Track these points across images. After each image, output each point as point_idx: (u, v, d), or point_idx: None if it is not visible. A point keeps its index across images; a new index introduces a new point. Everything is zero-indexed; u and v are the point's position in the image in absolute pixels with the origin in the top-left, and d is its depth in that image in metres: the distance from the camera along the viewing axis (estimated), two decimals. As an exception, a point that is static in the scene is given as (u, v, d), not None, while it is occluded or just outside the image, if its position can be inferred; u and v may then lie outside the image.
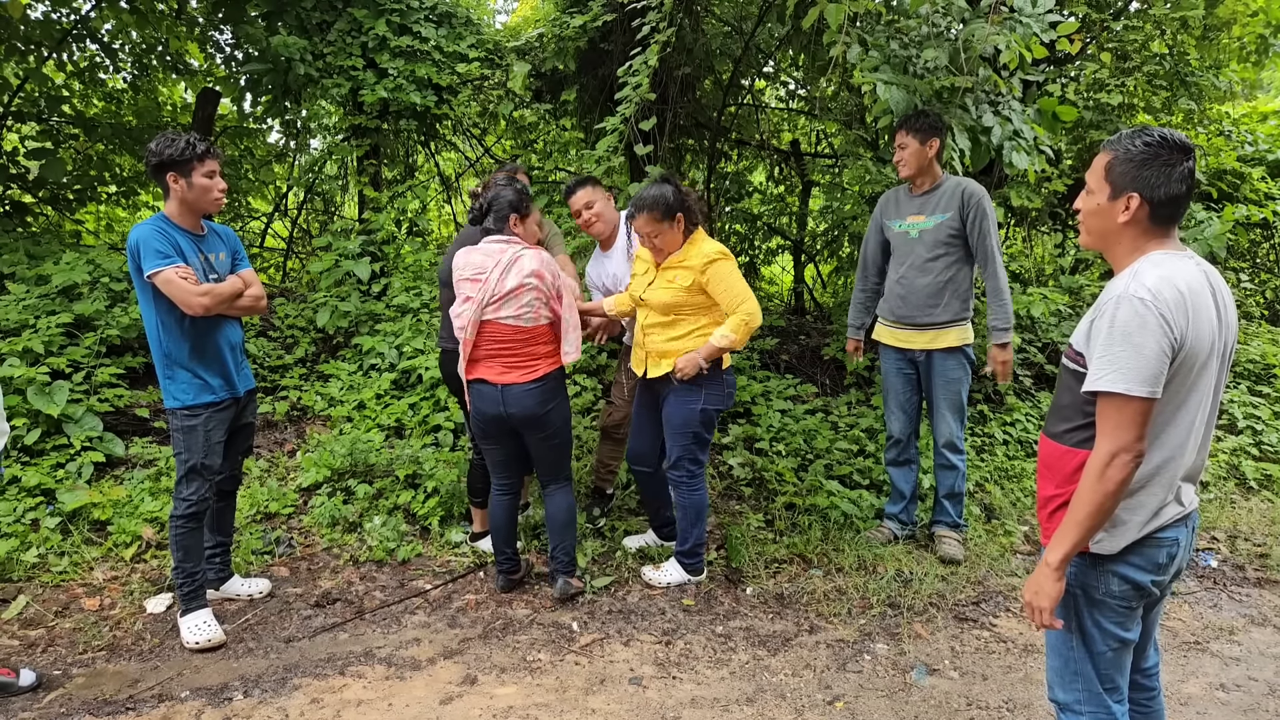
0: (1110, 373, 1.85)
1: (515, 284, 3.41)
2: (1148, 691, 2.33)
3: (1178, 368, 1.88)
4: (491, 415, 3.53)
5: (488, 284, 3.41)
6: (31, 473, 4.19)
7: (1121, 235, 1.98)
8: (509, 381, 3.48)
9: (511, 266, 3.42)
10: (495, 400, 3.49)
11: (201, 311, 3.19)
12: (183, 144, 3.18)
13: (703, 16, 6.68)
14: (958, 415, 4.22)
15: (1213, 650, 3.61)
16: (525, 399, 3.48)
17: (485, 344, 3.48)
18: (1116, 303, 1.87)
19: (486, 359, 3.50)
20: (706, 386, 3.68)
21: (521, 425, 3.54)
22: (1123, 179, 1.94)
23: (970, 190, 3.96)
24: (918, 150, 3.94)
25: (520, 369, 3.48)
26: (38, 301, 4.91)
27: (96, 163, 7.00)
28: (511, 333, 3.46)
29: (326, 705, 3.05)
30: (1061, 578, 1.97)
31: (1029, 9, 3.81)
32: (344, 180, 7.77)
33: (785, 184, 8.38)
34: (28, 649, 3.39)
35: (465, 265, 3.49)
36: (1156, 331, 1.82)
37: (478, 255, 3.48)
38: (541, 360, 3.53)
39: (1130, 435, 1.86)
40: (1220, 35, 5.95)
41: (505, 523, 3.77)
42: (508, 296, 3.41)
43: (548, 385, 3.53)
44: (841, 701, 3.15)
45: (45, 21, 6.52)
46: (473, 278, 3.45)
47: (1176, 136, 1.91)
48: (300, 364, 5.72)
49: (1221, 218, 5.91)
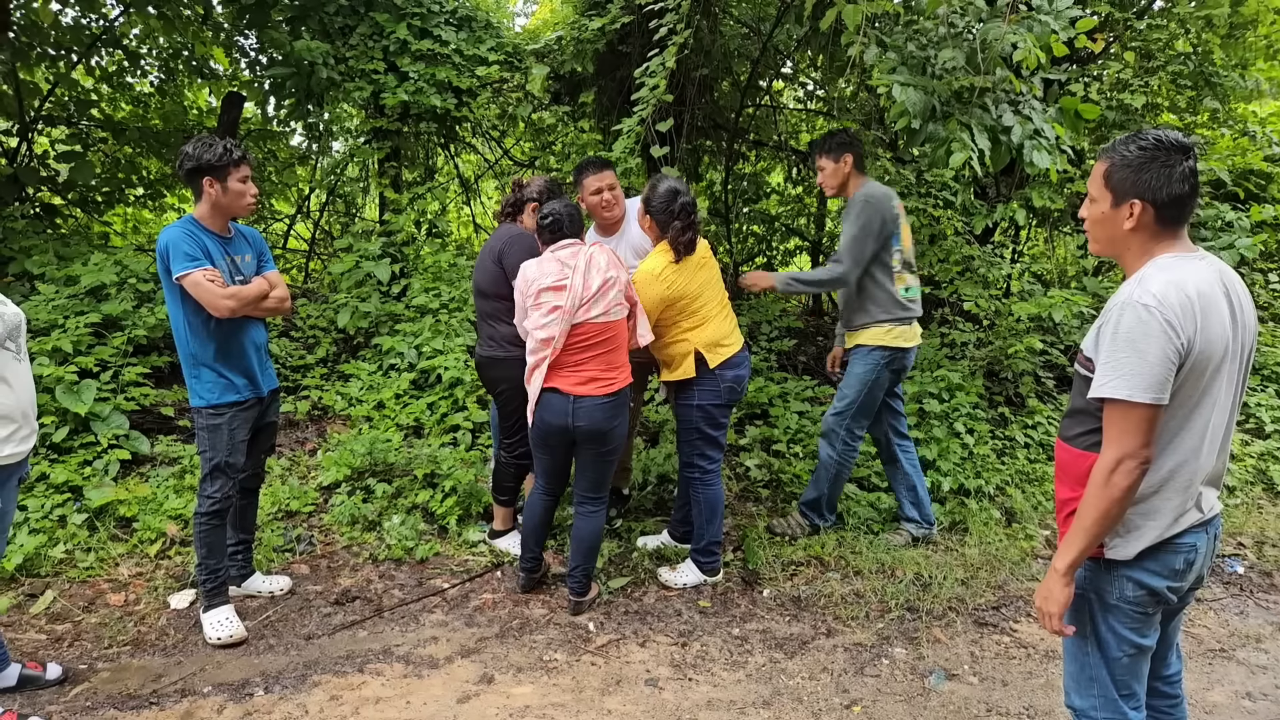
0: (1114, 379, 1.85)
1: (600, 281, 3.41)
2: (1170, 699, 2.29)
3: (1187, 373, 1.86)
4: (557, 426, 3.47)
5: (574, 289, 3.38)
6: (59, 470, 4.26)
7: (1129, 241, 1.96)
8: (584, 394, 3.43)
9: (590, 266, 3.43)
10: (564, 411, 3.44)
11: (228, 314, 3.23)
12: (220, 149, 3.21)
13: (720, 18, 6.68)
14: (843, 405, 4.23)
15: (1239, 658, 3.56)
16: (596, 413, 3.44)
17: (572, 347, 3.42)
18: (1121, 309, 1.86)
19: (567, 367, 3.44)
20: (697, 385, 3.75)
21: (584, 437, 3.50)
22: (1123, 185, 1.92)
23: (856, 196, 4.09)
24: (834, 169, 4.14)
25: (598, 381, 3.44)
26: (67, 302, 4.99)
27: (124, 166, 7.10)
28: (602, 330, 3.43)
29: (345, 702, 3.08)
30: (1070, 583, 1.97)
31: (1047, 7, 3.78)
32: (365, 182, 7.83)
33: (803, 185, 8.36)
34: (54, 643, 3.45)
35: (542, 275, 3.44)
36: (1161, 338, 1.81)
37: (551, 264, 3.45)
38: (619, 372, 3.52)
39: (1136, 441, 1.85)
40: (1246, 33, 5.88)
41: (541, 524, 3.77)
42: (596, 295, 3.40)
43: (619, 401, 3.51)
44: (859, 706, 3.14)
45: (75, 27, 6.63)
46: (554, 286, 3.41)
47: (1172, 137, 1.89)
48: (321, 364, 5.78)
49: (1249, 217, 5.84)
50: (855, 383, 4.20)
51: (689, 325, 3.74)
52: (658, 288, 3.64)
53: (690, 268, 3.70)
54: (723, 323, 3.82)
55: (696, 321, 3.74)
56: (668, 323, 3.75)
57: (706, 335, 3.75)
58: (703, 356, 3.73)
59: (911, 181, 5.96)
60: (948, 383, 5.38)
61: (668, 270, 3.64)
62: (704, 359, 3.73)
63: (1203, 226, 5.82)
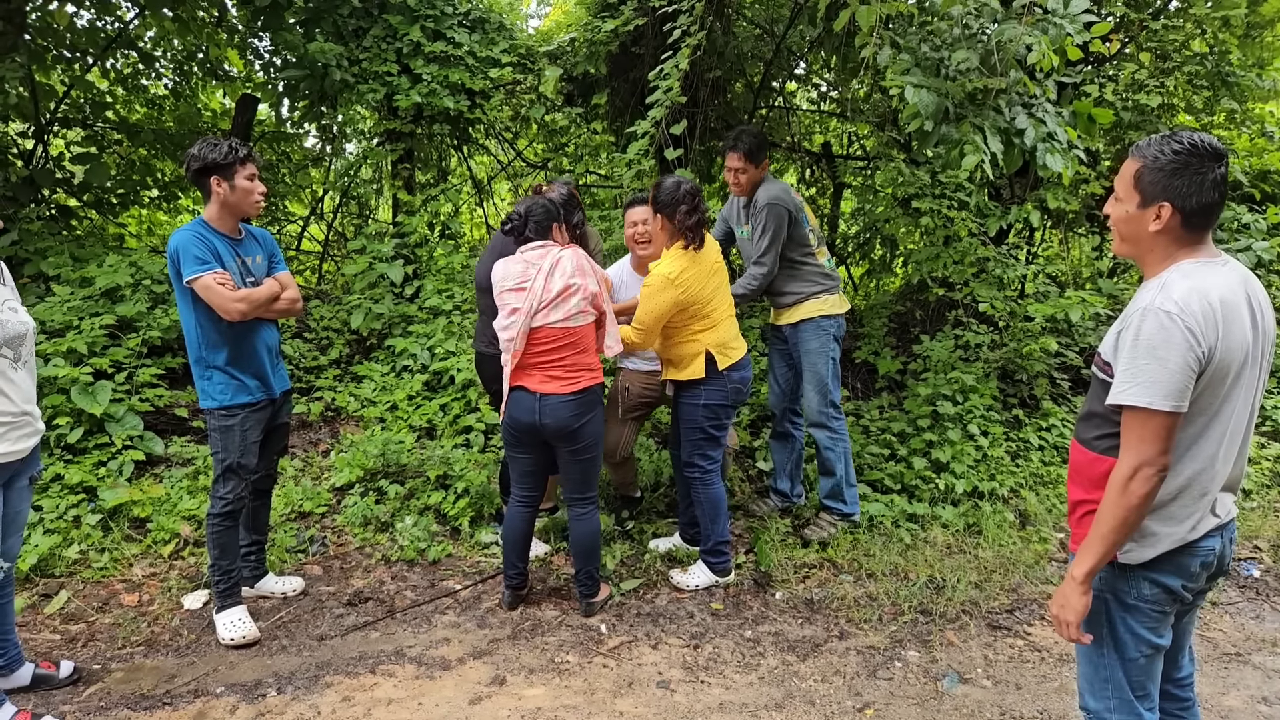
0: (1133, 386, 1.83)
1: (561, 286, 3.37)
2: (1182, 702, 2.27)
3: (1208, 381, 1.84)
4: (526, 424, 3.48)
5: (534, 291, 3.36)
6: (74, 470, 4.29)
7: (1154, 243, 1.94)
8: (548, 391, 3.43)
9: (554, 270, 3.39)
10: (531, 409, 3.45)
11: (239, 317, 3.25)
12: (225, 148, 3.25)
13: (733, 19, 6.67)
14: (819, 389, 4.38)
15: (1254, 662, 3.53)
16: (561, 410, 3.43)
17: (534, 351, 3.42)
18: (1142, 315, 1.84)
19: (532, 367, 3.44)
20: (705, 385, 3.77)
21: (554, 436, 3.50)
22: (1153, 188, 1.89)
23: (760, 200, 4.22)
24: (754, 173, 4.25)
25: (561, 380, 3.44)
26: (82, 303, 5.03)
27: (139, 168, 7.13)
28: (561, 335, 3.40)
29: (358, 703, 3.09)
30: (1088, 591, 1.95)
31: (1062, 9, 3.75)
32: (378, 184, 7.84)
33: (817, 186, 8.33)
34: (68, 643, 3.47)
35: (506, 276, 3.44)
36: (1182, 346, 1.79)
37: (516, 265, 3.44)
38: (583, 373, 3.49)
39: (1154, 449, 1.83)
40: (1264, 33, 5.82)
41: (521, 535, 3.71)
42: (556, 301, 3.37)
43: (585, 399, 3.49)
44: (871, 709, 3.12)
45: (90, 29, 6.67)
46: (516, 287, 3.40)
47: (1207, 141, 1.85)
48: (334, 365, 5.79)
49: (1266, 218, 5.78)
50: (818, 360, 4.36)
51: (700, 327, 3.75)
52: (672, 293, 3.62)
53: (703, 273, 3.70)
54: (731, 326, 3.85)
55: (708, 324, 3.75)
56: (679, 324, 3.75)
57: (717, 337, 3.76)
58: (713, 357, 3.75)
59: (926, 183, 5.92)
60: (961, 385, 5.35)
61: (683, 275, 3.63)
62: (714, 360, 3.75)
63: (1219, 228, 5.77)
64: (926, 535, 4.49)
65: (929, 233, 6.15)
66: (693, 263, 3.67)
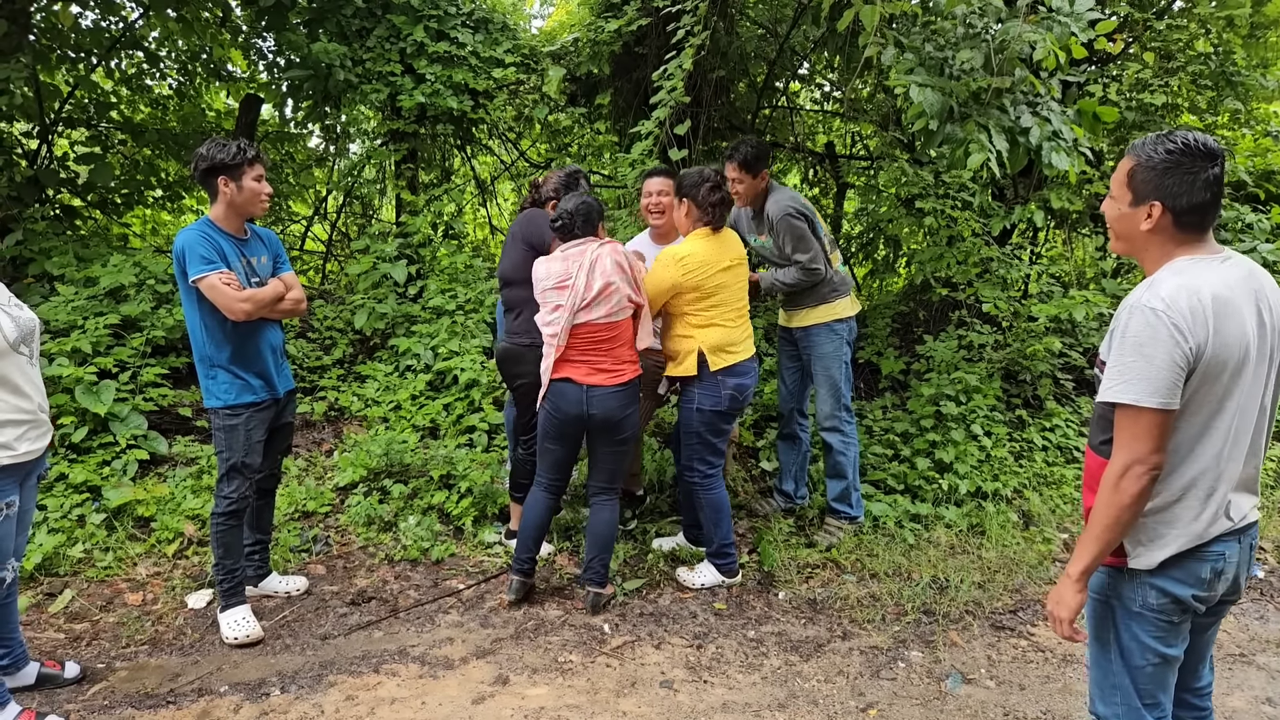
0: (1121, 383, 1.83)
1: (602, 284, 3.47)
2: (1199, 712, 2.24)
3: (1201, 378, 1.83)
4: (573, 415, 3.56)
5: (575, 290, 3.46)
6: (78, 470, 4.29)
7: (1148, 242, 1.94)
8: (595, 383, 3.53)
9: (595, 268, 3.48)
10: (579, 400, 3.53)
11: (243, 317, 3.25)
12: (234, 149, 3.26)
13: (737, 19, 6.67)
14: (832, 392, 4.37)
15: (1259, 663, 3.52)
16: (609, 401, 3.54)
17: (578, 345, 3.53)
18: (1130, 312, 1.84)
19: (577, 360, 3.54)
20: (699, 388, 3.76)
21: (599, 427, 3.59)
22: (1144, 186, 1.89)
23: (773, 211, 4.19)
24: (752, 184, 4.21)
25: (608, 372, 3.54)
26: (86, 303, 5.04)
27: (143, 167, 7.15)
28: (604, 330, 3.52)
29: (361, 702, 3.09)
30: (1083, 589, 1.95)
31: (1067, 8, 3.75)
32: (382, 184, 7.85)
33: (820, 186, 8.33)
34: (73, 642, 3.48)
35: (548, 275, 3.54)
36: (1168, 342, 1.78)
37: (558, 264, 3.53)
38: (627, 365, 3.60)
39: (1145, 447, 1.82)
40: (1268, 33, 5.81)
41: (541, 521, 3.76)
42: (598, 298, 3.47)
43: (630, 390, 3.61)
44: (875, 709, 3.12)
45: (94, 30, 6.68)
46: (559, 285, 3.50)
47: (1202, 141, 1.84)
48: (338, 365, 5.80)
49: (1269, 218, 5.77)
50: (831, 364, 4.36)
51: (698, 322, 3.74)
52: (674, 270, 3.64)
53: (715, 261, 3.69)
54: (734, 330, 3.80)
55: (702, 322, 3.73)
56: (675, 313, 3.77)
57: (713, 338, 3.74)
58: (704, 357, 3.72)
59: (929, 182, 5.92)
60: (965, 385, 5.34)
61: (691, 257, 3.65)
62: (705, 360, 3.73)
63: (1223, 229, 5.76)
64: (930, 535, 4.49)
65: (932, 233, 6.15)
66: (707, 247, 3.68)
